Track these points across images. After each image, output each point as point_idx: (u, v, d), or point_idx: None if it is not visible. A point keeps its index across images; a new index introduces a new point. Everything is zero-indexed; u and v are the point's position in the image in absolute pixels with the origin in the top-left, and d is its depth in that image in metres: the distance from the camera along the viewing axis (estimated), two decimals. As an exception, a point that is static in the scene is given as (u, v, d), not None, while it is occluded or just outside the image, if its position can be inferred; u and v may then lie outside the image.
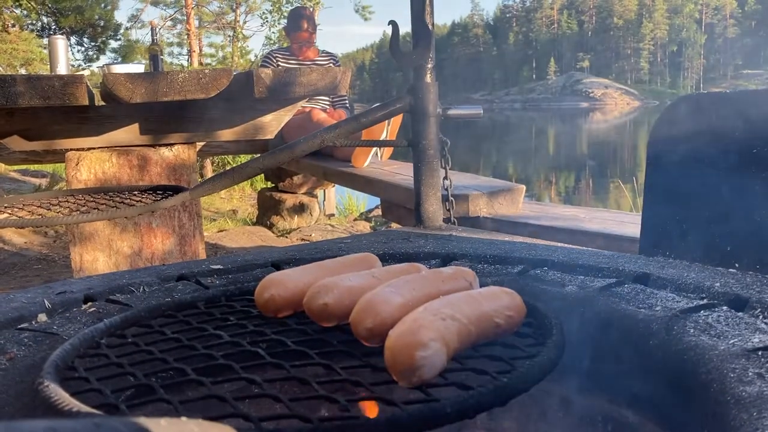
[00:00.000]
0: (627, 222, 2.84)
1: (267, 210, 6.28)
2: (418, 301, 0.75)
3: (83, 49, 21.08)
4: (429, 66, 1.72)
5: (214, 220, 6.90)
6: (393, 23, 1.71)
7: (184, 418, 0.45)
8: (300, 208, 6.18)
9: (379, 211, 6.32)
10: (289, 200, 6.17)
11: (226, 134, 3.40)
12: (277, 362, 0.73)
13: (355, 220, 6.87)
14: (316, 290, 0.82)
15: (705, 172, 1.28)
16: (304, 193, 6.26)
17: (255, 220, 6.60)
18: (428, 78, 1.72)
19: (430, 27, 1.66)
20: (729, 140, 1.25)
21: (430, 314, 0.67)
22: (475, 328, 0.70)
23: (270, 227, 6.07)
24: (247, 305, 0.96)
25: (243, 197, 8.85)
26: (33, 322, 1.08)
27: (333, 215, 6.90)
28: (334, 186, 6.51)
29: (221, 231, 5.98)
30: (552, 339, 0.74)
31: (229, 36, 17.32)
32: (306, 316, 0.85)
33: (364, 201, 7.60)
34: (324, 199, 6.81)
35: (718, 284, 1.10)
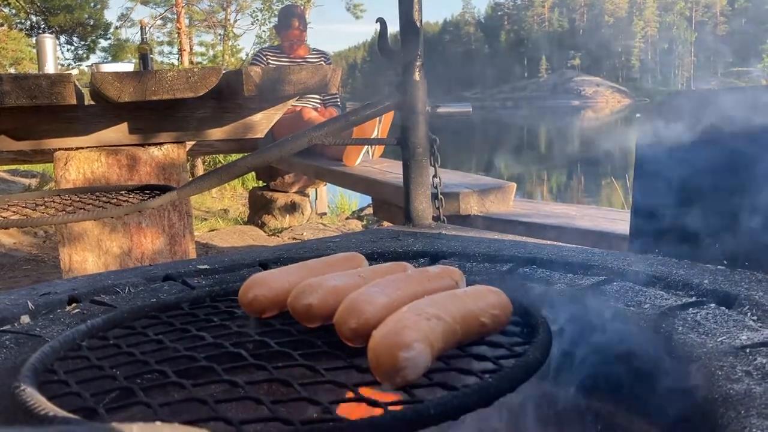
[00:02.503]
0: (618, 219, 2.84)
1: (258, 209, 6.25)
2: (403, 301, 0.74)
3: (73, 48, 20.96)
4: (417, 63, 1.71)
5: (205, 219, 6.87)
6: (381, 20, 1.70)
7: (158, 423, 0.44)
8: (291, 207, 6.16)
9: (370, 210, 6.31)
10: (281, 199, 6.15)
11: (216, 133, 3.37)
12: (260, 364, 0.72)
13: (346, 218, 6.85)
14: (300, 290, 0.80)
15: (694, 169, 1.28)
16: (295, 192, 6.24)
17: (246, 219, 6.58)
18: (417, 75, 1.71)
19: (418, 24, 1.65)
20: (717, 138, 1.24)
21: (414, 314, 0.66)
22: (460, 327, 0.69)
23: (261, 226, 6.05)
24: (232, 306, 0.95)
25: (234, 196, 8.81)
26: (15, 324, 1.06)
27: (325, 214, 6.89)
28: (325, 185, 6.49)
29: (212, 230, 5.96)
30: (538, 338, 0.74)
31: (220, 35, 17.22)
32: (290, 316, 0.84)
33: (355, 200, 7.58)
34: (316, 198, 6.79)
35: (706, 281, 1.10)
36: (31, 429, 0.35)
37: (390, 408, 0.59)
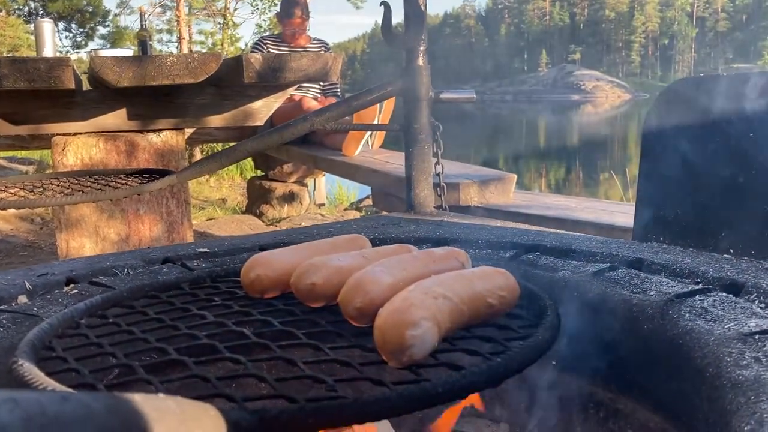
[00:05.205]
0: (618, 212, 2.84)
1: (256, 199, 6.23)
2: (409, 281, 0.72)
3: (71, 35, 20.86)
4: (421, 48, 1.69)
5: (203, 208, 6.84)
6: (385, 4, 1.68)
7: (161, 395, 0.43)
8: (290, 197, 6.14)
9: (369, 201, 6.29)
10: (279, 189, 6.13)
11: (215, 120, 3.35)
12: (264, 342, 0.70)
13: (345, 209, 6.83)
14: (303, 270, 0.79)
15: (700, 156, 1.26)
16: (294, 182, 6.21)
17: (244, 209, 6.56)
18: (420, 61, 1.69)
19: (422, 8, 1.63)
20: (725, 124, 1.23)
21: (421, 293, 0.65)
22: (467, 308, 0.68)
23: (259, 216, 6.03)
24: (233, 286, 0.94)
25: (232, 186, 8.79)
26: (12, 304, 1.05)
27: (323, 204, 6.86)
28: (324, 175, 6.47)
29: (210, 219, 5.94)
30: (546, 320, 0.72)
31: (219, 23, 17.10)
32: (294, 296, 0.83)
33: (354, 191, 7.55)
34: (314, 188, 6.76)
35: (713, 269, 1.09)
36: (30, 393, 0.34)
37: (396, 386, 0.57)
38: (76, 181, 1.74)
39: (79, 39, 20.71)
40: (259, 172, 6.56)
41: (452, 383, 0.57)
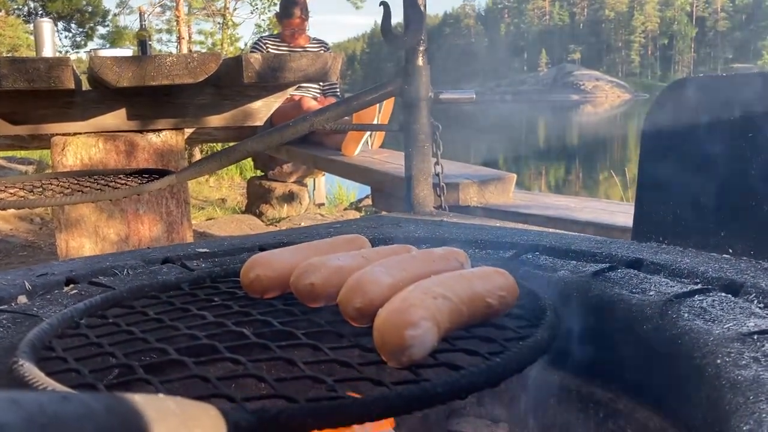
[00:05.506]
0: (618, 212, 2.84)
1: (256, 198, 6.24)
2: (408, 281, 0.72)
3: (70, 35, 20.88)
4: (421, 48, 1.69)
5: (203, 208, 6.84)
6: (384, 4, 1.68)
7: (161, 395, 0.43)
8: (289, 197, 6.14)
9: (369, 201, 6.29)
10: (279, 189, 6.13)
11: (215, 120, 3.35)
12: (263, 342, 0.70)
13: (345, 209, 6.83)
14: (302, 270, 0.79)
15: (700, 156, 1.26)
16: (293, 182, 6.22)
17: (244, 208, 6.56)
18: (420, 61, 1.70)
19: (422, 8, 1.63)
20: (724, 124, 1.23)
21: (420, 293, 0.65)
22: (466, 308, 0.68)
23: (259, 216, 6.03)
24: (233, 286, 0.94)
25: (232, 186, 8.79)
26: (12, 304, 1.05)
27: (323, 204, 6.86)
28: (324, 175, 6.47)
29: (209, 219, 5.94)
30: (546, 320, 0.72)
31: (219, 23, 17.09)
32: (293, 297, 0.83)
33: (354, 191, 7.55)
34: (314, 188, 6.76)
35: (712, 269, 1.09)
36: (31, 394, 0.34)
37: (395, 386, 0.58)
38: (76, 181, 1.74)
39: (78, 39, 20.73)
40: (259, 172, 6.57)
41: (452, 383, 0.57)
